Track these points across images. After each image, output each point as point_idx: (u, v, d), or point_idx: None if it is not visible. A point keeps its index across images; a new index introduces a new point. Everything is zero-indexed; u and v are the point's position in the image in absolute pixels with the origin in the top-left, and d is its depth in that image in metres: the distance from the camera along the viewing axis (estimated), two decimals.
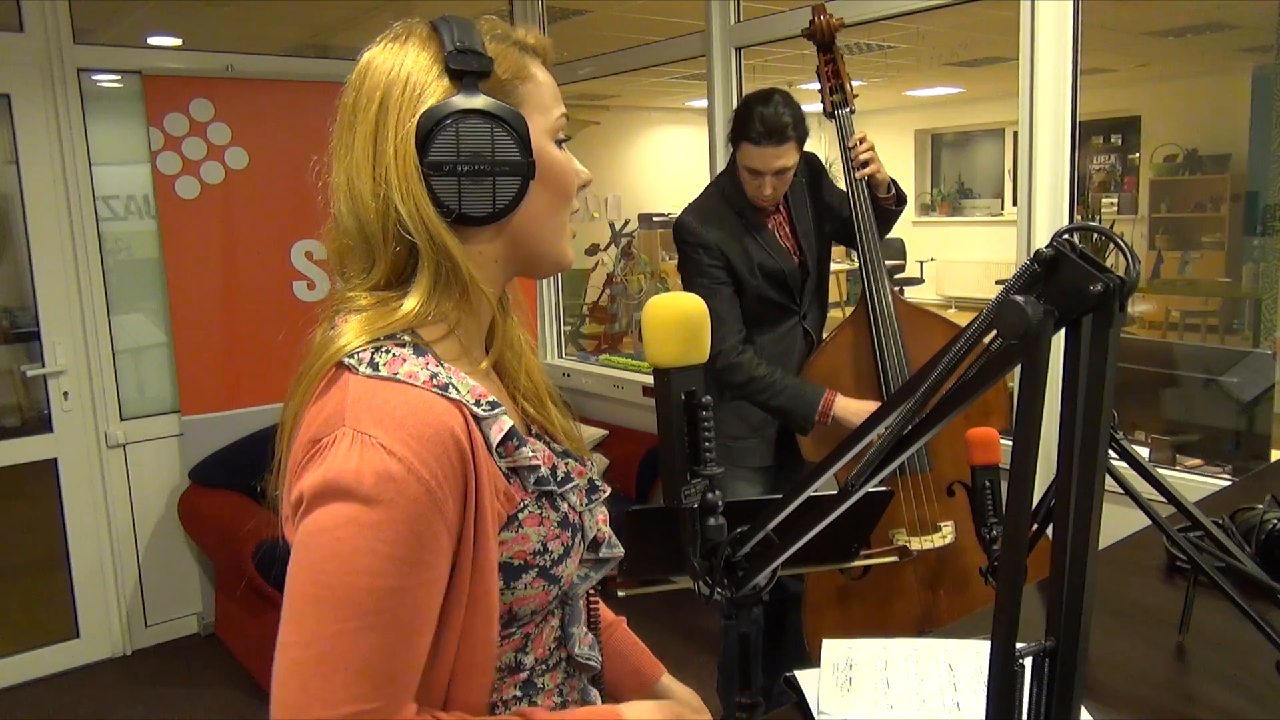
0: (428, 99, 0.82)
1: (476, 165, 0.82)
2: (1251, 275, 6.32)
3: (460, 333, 0.88)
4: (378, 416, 0.77)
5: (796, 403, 2.30)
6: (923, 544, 2.26)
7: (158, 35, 3.66)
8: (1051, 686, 0.67)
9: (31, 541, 3.48)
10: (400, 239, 0.82)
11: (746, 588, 0.92)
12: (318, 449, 0.77)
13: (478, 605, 0.82)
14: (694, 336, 0.89)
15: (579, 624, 0.98)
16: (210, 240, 3.47)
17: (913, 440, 0.74)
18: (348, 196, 0.84)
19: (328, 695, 0.73)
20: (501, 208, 0.84)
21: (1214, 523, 1.12)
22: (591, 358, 4.47)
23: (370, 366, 0.80)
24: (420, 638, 0.78)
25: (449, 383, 0.81)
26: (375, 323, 0.82)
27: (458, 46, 0.83)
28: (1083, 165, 6.64)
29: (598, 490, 0.97)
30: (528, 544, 0.86)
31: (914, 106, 10.21)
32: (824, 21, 2.36)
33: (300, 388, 0.84)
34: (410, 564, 0.75)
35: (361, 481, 0.74)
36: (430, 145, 0.81)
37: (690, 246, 2.38)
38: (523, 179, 0.84)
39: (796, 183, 2.44)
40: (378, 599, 0.74)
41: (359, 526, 0.74)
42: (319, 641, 0.74)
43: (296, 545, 0.77)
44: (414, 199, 0.81)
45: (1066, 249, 0.62)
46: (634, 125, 9.06)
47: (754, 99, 2.28)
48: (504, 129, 0.83)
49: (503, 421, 0.84)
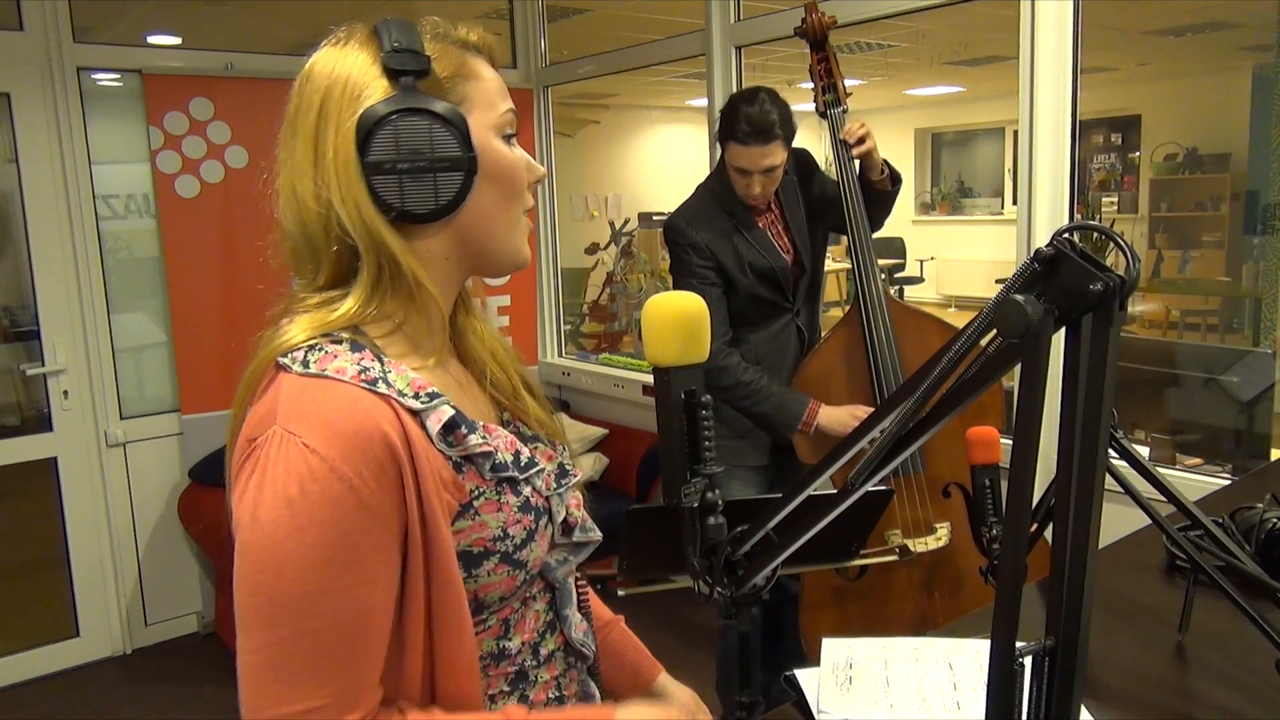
0: (366, 99, 0.83)
1: (416, 162, 0.83)
2: (1251, 274, 6.32)
3: (409, 329, 0.89)
4: (303, 414, 0.78)
5: (780, 412, 2.31)
6: (917, 546, 2.26)
7: (157, 34, 3.65)
8: (1051, 685, 0.67)
9: (31, 540, 3.48)
10: (340, 240, 0.83)
11: (746, 587, 0.92)
12: (253, 448, 0.79)
13: (444, 595, 0.83)
14: (694, 335, 0.89)
15: (571, 606, 0.98)
16: (210, 239, 3.48)
17: (913, 439, 0.74)
18: (291, 201, 0.85)
19: (277, 695, 0.76)
20: (445, 204, 0.85)
21: (1214, 522, 1.12)
22: (591, 357, 4.46)
23: (302, 365, 0.81)
24: (368, 634, 0.79)
25: (380, 377, 0.82)
26: (316, 322, 0.84)
27: (394, 47, 0.84)
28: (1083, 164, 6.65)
29: (568, 474, 0.97)
30: (486, 530, 0.86)
31: (914, 105, 10.21)
32: (816, 20, 2.36)
33: (243, 387, 0.86)
34: (342, 564, 0.77)
35: (288, 485, 0.76)
36: (370, 145, 0.82)
37: (680, 247, 2.38)
38: (465, 174, 0.85)
39: (788, 180, 2.43)
40: (313, 602, 0.76)
41: (285, 533, 0.75)
42: (265, 647, 0.76)
43: (237, 552, 0.78)
44: (354, 199, 0.82)
45: (1066, 248, 0.62)
46: (634, 124, 9.06)
47: (739, 98, 2.29)
48: (442, 125, 0.83)
49: (442, 411, 0.84)
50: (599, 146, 8.30)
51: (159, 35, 3.66)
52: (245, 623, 0.78)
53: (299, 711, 0.76)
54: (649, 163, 8.87)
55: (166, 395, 3.57)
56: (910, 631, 2.29)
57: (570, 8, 4.62)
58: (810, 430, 2.27)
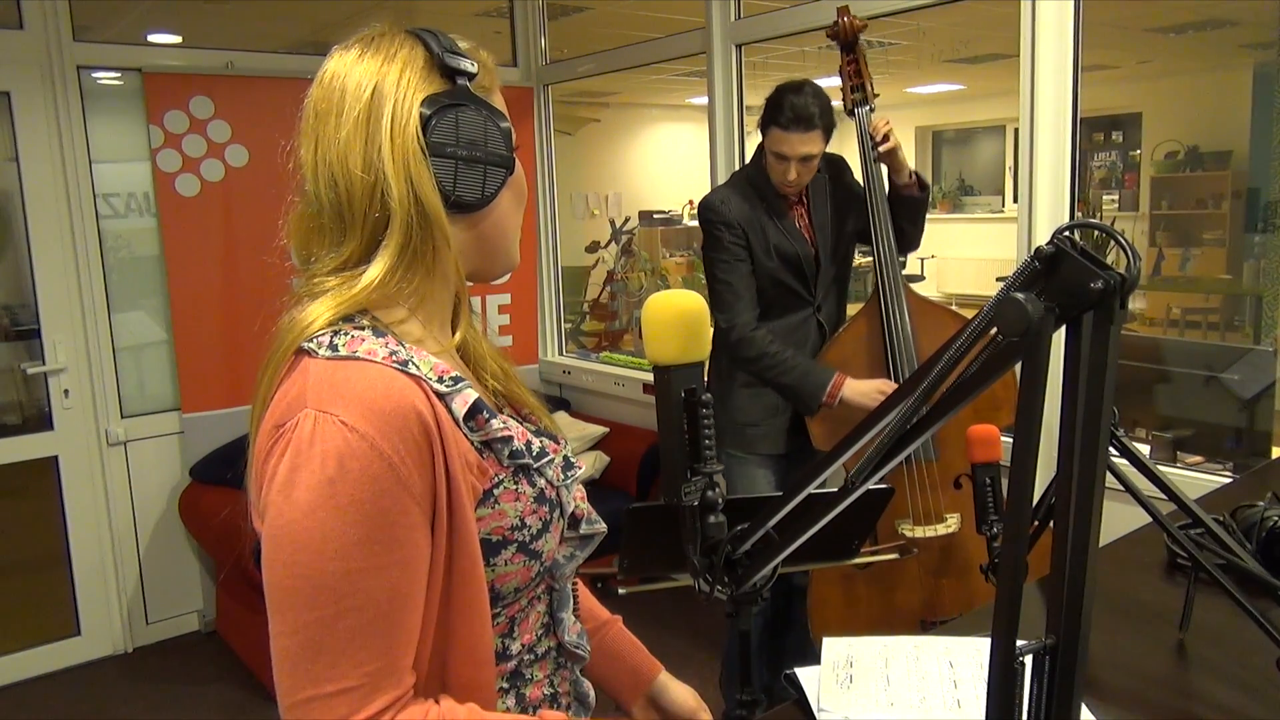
0: (427, 88, 0.86)
1: (473, 153, 0.86)
2: (1252, 272, 6.31)
3: (421, 316, 0.89)
4: (338, 393, 0.78)
5: (805, 382, 2.33)
6: (926, 533, 2.27)
7: (158, 32, 3.65)
8: (1051, 684, 0.67)
9: (32, 539, 3.48)
10: (383, 208, 0.84)
11: (747, 585, 0.92)
12: (281, 434, 0.79)
13: (466, 580, 0.83)
14: (694, 334, 0.89)
15: (568, 609, 0.98)
16: (210, 238, 3.48)
17: (914, 436, 0.74)
18: (329, 175, 0.85)
19: (316, 676, 0.76)
20: (487, 196, 0.88)
21: (1215, 520, 1.12)
22: (592, 355, 4.46)
23: (330, 349, 0.81)
24: (404, 614, 0.79)
25: (409, 359, 0.82)
26: (339, 297, 0.84)
27: (448, 48, 0.88)
28: (1083, 162, 6.63)
29: (573, 466, 0.98)
30: (505, 519, 0.86)
31: (915, 103, 10.19)
32: (848, 23, 2.43)
33: (266, 375, 0.86)
34: (381, 543, 0.77)
35: (326, 464, 0.75)
36: (432, 128, 0.85)
37: (713, 224, 2.43)
38: (506, 173, 0.89)
39: (819, 178, 2.49)
40: (352, 581, 0.76)
41: (326, 512, 0.75)
42: (302, 629, 0.76)
43: (268, 535, 0.78)
44: (410, 173, 0.84)
45: (1067, 246, 0.62)
46: (634, 122, 9.05)
47: (786, 87, 2.35)
48: (495, 124, 0.88)
49: (466, 394, 0.85)
50: (599, 145, 8.30)
51: (159, 34, 3.66)
52: (280, 605, 0.77)
53: (335, 691, 0.75)
54: (649, 161, 8.86)
55: (167, 394, 3.57)
56: (919, 618, 2.30)
57: (570, 5, 4.61)
58: (835, 402, 2.29)
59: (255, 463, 0.83)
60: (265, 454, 0.80)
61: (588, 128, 7.73)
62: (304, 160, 0.88)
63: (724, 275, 2.40)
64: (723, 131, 3.42)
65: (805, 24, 3.04)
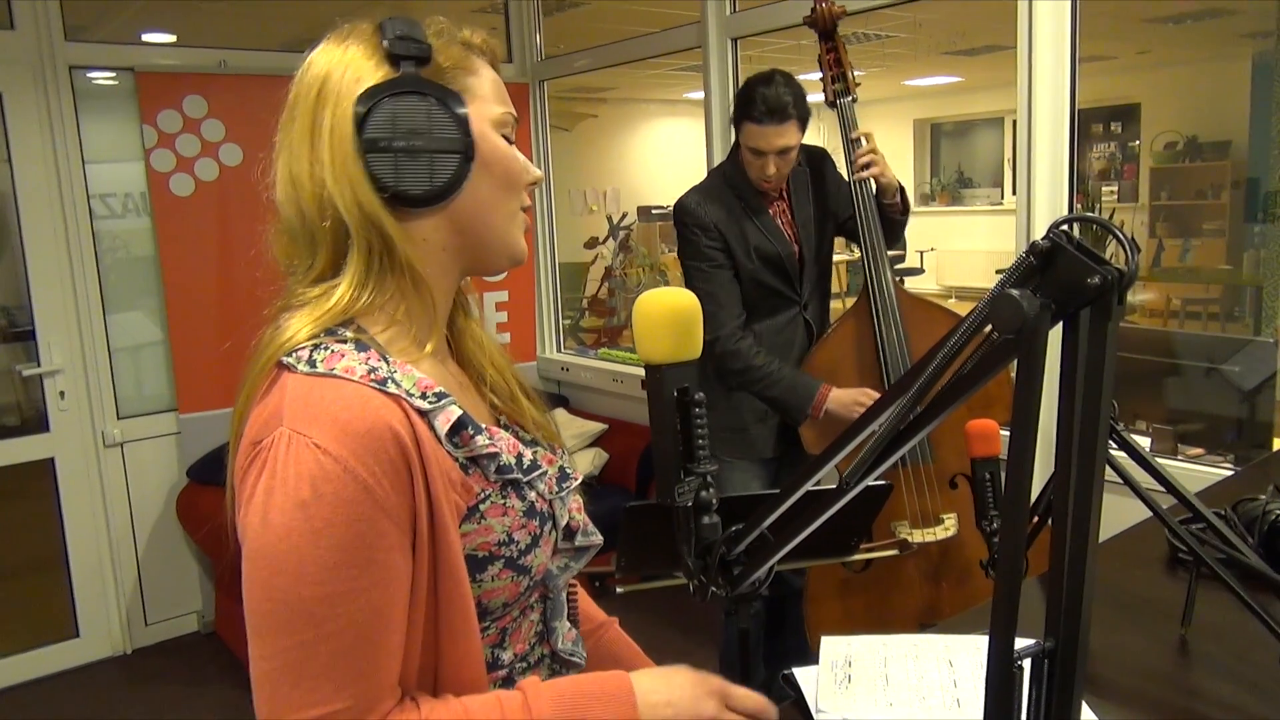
0: (366, 81, 0.83)
1: (413, 142, 0.82)
2: (1252, 262, 6.29)
3: (407, 324, 0.87)
4: (312, 414, 0.77)
5: (791, 395, 2.30)
6: (924, 537, 2.25)
7: (151, 32, 3.63)
8: (1051, 686, 0.66)
9: (30, 541, 3.47)
10: (334, 219, 0.82)
11: (744, 584, 0.91)
12: (258, 451, 0.78)
13: (451, 599, 0.82)
14: (686, 332, 0.87)
15: (561, 618, 0.97)
16: (206, 237, 3.46)
17: (909, 435, 0.73)
18: (287, 184, 0.84)
19: (295, 700, 0.75)
20: (440, 186, 0.84)
21: (1216, 514, 1.11)
22: (590, 351, 4.45)
23: (308, 364, 0.80)
24: (385, 635, 0.78)
25: (388, 377, 0.81)
26: (315, 314, 0.82)
27: (397, 35, 0.84)
28: (1082, 153, 6.61)
29: (568, 478, 0.96)
30: (491, 535, 0.85)
31: (913, 96, 10.17)
32: (825, 9, 2.37)
33: (245, 389, 0.84)
34: (358, 565, 0.75)
35: (299, 488, 0.74)
36: (367, 122, 0.81)
37: (688, 228, 2.38)
38: (462, 159, 0.85)
39: (799, 172, 2.44)
40: (331, 605, 0.75)
41: (300, 536, 0.74)
42: (281, 654, 0.75)
43: (246, 558, 0.77)
44: (348, 176, 0.81)
45: (1063, 240, 0.61)
46: (631, 118, 9.03)
47: (755, 80, 2.30)
48: (441, 108, 0.83)
49: (450, 411, 0.83)
50: (596, 140, 8.28)
51: (152, 33, 3.64)
52: (259, 629, 0.76)
53: (318, 716, 0.74)
54: (647, 156, 8.85)
55: (164, 394, 3.56)
56: (917, 622, 2.29)
57: (566, 1, 4.60)
58: (820, 415, 2.26)
59: (232, 478, 0.82)
60: (243, 472, 0.79)
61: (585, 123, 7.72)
62: (276, 171, 0.86)
63: (703, 284, 2.34)
64: (719, 126, 3.40)
65: (800, 17, 3.02)
